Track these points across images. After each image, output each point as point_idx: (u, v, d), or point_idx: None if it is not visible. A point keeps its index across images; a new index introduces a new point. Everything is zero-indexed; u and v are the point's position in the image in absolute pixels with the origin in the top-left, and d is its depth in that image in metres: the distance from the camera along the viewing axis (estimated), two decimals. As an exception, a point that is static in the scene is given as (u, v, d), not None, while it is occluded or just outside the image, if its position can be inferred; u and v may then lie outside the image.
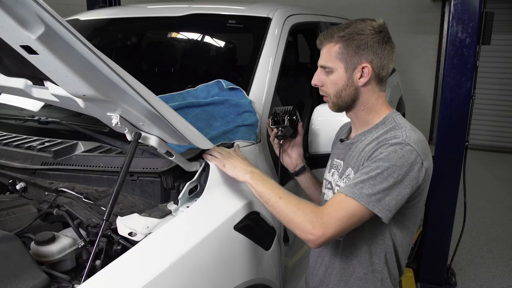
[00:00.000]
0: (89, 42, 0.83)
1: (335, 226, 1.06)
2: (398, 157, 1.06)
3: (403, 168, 1.06)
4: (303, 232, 1.07)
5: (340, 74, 1.18)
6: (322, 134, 1.60)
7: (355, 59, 1.16)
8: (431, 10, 5.62)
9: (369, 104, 1.21)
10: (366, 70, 1.16)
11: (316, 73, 1.23)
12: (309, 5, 3.05)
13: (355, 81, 1.17)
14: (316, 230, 1.05)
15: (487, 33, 2.27)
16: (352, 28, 1.16)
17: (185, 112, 1.48)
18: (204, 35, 2.11)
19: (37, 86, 1.11)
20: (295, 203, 1.11)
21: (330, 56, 1.18)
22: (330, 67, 1.18)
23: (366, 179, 1.07)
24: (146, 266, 0.96)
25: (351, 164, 1.21)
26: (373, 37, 1.15)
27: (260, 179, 1.18)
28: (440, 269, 2.66)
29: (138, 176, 1.26)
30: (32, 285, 0.87)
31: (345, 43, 1.16)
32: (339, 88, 1.19)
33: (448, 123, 2.37)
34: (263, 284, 1.32)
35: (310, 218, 1.06)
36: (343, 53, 1.16)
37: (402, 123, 1.17)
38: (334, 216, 1.06)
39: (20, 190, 1.37)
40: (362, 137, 1.23)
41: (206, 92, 1.52)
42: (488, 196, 4.42)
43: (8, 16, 0.75)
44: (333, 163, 1.32)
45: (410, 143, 1.07)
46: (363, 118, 1.23)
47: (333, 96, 1.21)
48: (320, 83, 1.23)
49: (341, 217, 1.06)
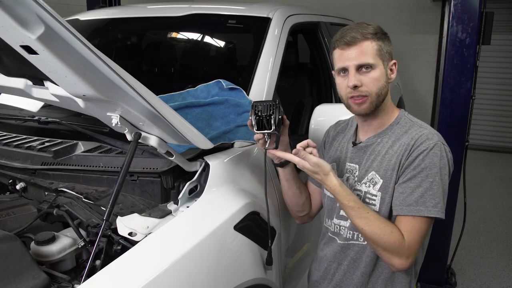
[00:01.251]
0: (89, 42, 0.83)
1: (417, 249, 1.14)
2: (440, 159, 1.12)
3: (447, 166, 1.14)
4: (392, 264, 1.15)
5: (382, 71, 1.18)
6: (322, 134, 1.60)
7: (388, 56, 1.20)
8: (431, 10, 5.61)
9: (388, 103, 1.24)
10: (394, 67, 1.22)
11: (352, 74, 1.17)
12: (309, 5, 3.04)
13: (389, 78, 1.21)
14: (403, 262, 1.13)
15: (487, 33, 2.27)
16: (376, 27, 1.19)
17: (185, 112, 1.48)
18: (204, 35, 2.11)
19: (37, 86, 1.12)
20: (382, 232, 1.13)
21: (369, 54, 1.16)
22: (372, 64, 1.17)
23: (424, 192, 1.11)
24: (146, 266, 0.96)
25: (374, 167, 1.20)
26: (386, 35, 1.21)
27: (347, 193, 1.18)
28: (440, 269, 2.65)
29: (138, 176, 1.26)
30: (32, 285, 0.87)
31: (381, 41, 1.18)
32: (381, 85, 1.18)
33: (448, 123, 2.37)
34: (263, 284, 1.32)
35: (398, 252, 1.12)
36: (381, 49, 1.18)
37: (417, 121, 1.23)
38: (416, 241, 1.13)
39: (20, 190, 1.37)
40: (377, 139, 1.23)
41: (206, 92, 1.52)
42: (488, 196, 4.42)
43: (8, 16, 0.75)
44: (344, 167, 1.30)
45: (441, 141, 1.15)
46: (381, 118, 1.24)
47: (374, 94, 1.18)
48: (360, 82, 1.17)
49: (420, 238, 1.13)
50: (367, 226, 1.13)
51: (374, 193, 1.19)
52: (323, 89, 2.37)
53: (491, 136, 6.06)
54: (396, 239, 1.11)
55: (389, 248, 1.12)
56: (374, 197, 1.19)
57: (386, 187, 1.17)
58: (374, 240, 1.14)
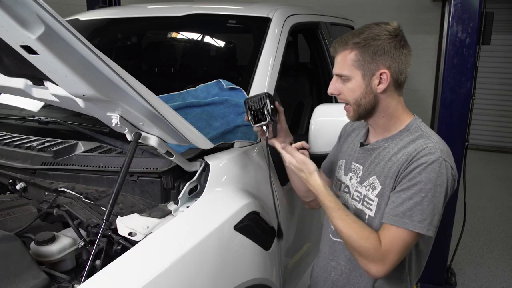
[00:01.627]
0: (89, 42, 0.83)
1: (396, 260, 1.11)
2: (437, 176, 1.08)
3: (443, 185, 1.08)
4: (366, 269, 1.13)
5: (358, 82, 1.15)
6: (322, 134, 1.60)
7: (373, 66, 1.12)
8: (431, 10, 5.61)
9: (389, 111, 1.18)
10: (384, 76, 1.13)
11: (332, 82, 1.20)
12: (309, 5, 3.04)
13: (373, 88, 1.14)
14: (378, 269, 1.11)
15: (487, 33, 2.27)
16: (367, 34, 1.13)
17: (185, 112, 1.48)
18: (204, 35, 2.11)
19: (37, 86, 1.12)
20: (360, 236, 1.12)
21: (346, 64, 1.15)
22: (347, 75, 1.15)
23: (412, 205, 1.08)
24: (146, 266, 0.96)
25: (376, 172, 1.19)
26: (390, 41, 1.12)
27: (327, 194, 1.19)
28: (440, 269, 2.66)
29: (138, 176, 1.26)
30: (32, 285, 0.87)
31: (361, 50, 1.12)
32: (358, 96, 1.16)
33: (448, 123, 2.37)
34: (263, 284, 1.32)
35: (373, 257, 1.10)
36: (359, 60, 1.13)
37: (427, 131, 1.17)
38: (395, 252, 1.10)
39: (20, 190, 1.37)
40: (384, 143, 1.20)
41: (206, 92, 1.52)
42: (488, 196, 4.42)
43: (8, 16, 0.75)
44: (350, 166, 1.29)
45: (445, 158, 1.09)
46: (384, 125, 1.21)
47: (353, 104, 1.18)
48: (337, 91, 1.19)
49: (400, 250, 1.10)
50: (345, 228, 1.13)
51: (372, 198, 1.18)
52: (323, 89, 2.36)
53: (491, 136, 6.06)
54: (371, 245, 1.10)
55: (363, 253, 1.11)
56: (372, 202, 1.18)
57: (383, 194, 1.16)
58: (350, 243, 1.14)
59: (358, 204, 1.22)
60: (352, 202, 1.25)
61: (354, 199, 1.24)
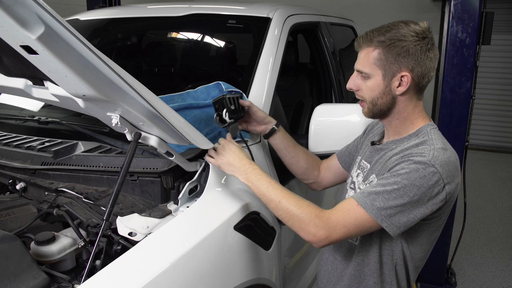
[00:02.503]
0: (89, 42, 0.83)
1: (340, 233, 1.06)
2: (418, 176, 1.02)
3: (421, 189, 1.02)
4: (307, 235, 1.08)
5: (378, 81, 1.12)
6: (322, 134, 1.60)
7: (394, 67, 1.09)
8: (431, 10, 5.61)
9: (404, 114, 1.15)
10: (405, 79, 1.10)
11: (352, 77, 1.18)
12: (309, 5, 3.04)
13: (392, 90, 1.12)
14: (320, 234, 1.06)
15: (487, 33, 2.27)
16: (393, 33, 1.09)
17: (185, 113, 1.47)
18: (204, 35, 2.11)
19: (37, 86, 1.11)
20: (298, 205, 1.09)
21: (368, 62, 1.12)
22: (367, 73, 1.13)
23: (381, 192, 1.05)
24: (146, 266, 0.96)
25: (376, 171, 1.18)
26: (416, 44, 1.08)
27: (257, 178, 1.17)
28: (440, 269, 2.66)
29: (138, 176, 1.26)
30: (32, 285, 0.87)
31: (385, 49, 1.09)
32: (375, 95, 1.13)
33: (448, 123, 2.38)
34: (263, 284, 1.32)
35: (314, 222, 1.06)
36: (382, 59, 1.10)
37: (434, 138, 1.11)
38: (341, 224, 1.06)
39: (20, 190, 1.37)
40: (393, 145, 1.18)
41: (206, 94, 1.52)
42: (488, 196, 4.42)
43: (8, 16, 0.75)
44: (360, 164, 1.29)
45: (435, 164, 1.03)
46: (396, 127, 1.19)
47: (369, 102, 1.16)
48: (356, 87, 1.17)
49: (348, 225, 1.06)
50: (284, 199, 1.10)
51: None
52: (323, 89, 2.37)
53: (491, 136, 6.06)
54: (313, 211, 1.07)
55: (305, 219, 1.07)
56: None
57: None
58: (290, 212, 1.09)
59: None
60: None
61: None
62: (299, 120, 2.27)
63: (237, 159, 1.21)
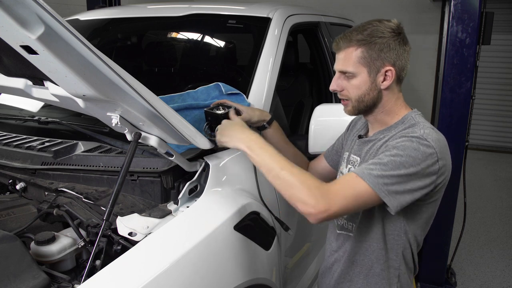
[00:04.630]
0: (89, 42, 0.83)
1: (340, 204, 1.04)
2: (413, 148, 1.05)
3: (416, 160, 1.04)
4: (305, 206, 1.03)
5: (363, 79, 1.15)
6: (322, 134, 1.60)
7: (378, 63, 1.14)
8: (431, 10, 5.61)
9: (388, 106, 1.20)
10: (389, 73, 1.15)
11: (335, 78, 1.20)
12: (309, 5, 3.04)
13: (378, 85, 1.16)
14: (319, 205, 1.02)
15: (487, 33, 2.27)
16: (371, 31, 1.14)
17: (185, 113, 1.47)
18: (204, 35, 2.11)
19: (37, 86, 1.11)
20: (299, 176, 1.07)
21: (351, 61, 1.15)
22: (352, 72, 1.15)
23: (377, 163, 1.06)
24: (146, 266, 0.96)
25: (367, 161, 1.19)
26: (394, 39, 1.13)
27: (259, 147, 1.14)
28: (440, 269, 2.66)
29: (138, 176, 1.26)
30: (32, 285, 0.87)
31: (367, 47, 1.13)
32: (362, 92, 1.16)
33: (448, 123, 2.38)
34: (263, 284, 1.32)
35: (314, 193, 1.03)
36: (365, 57, 1.13)
37: (421, 121, 1.16)
38: (341, 195, 1.05)
39: (20, 190, 1.37)
40: (380, 135, 1.21)
41: (206, 94, 1.52)
42: (488, 196, 4.42)
43: (8, 16, 0.75)
44: (349, 159, 1.30)
45: (427, 138, 1.06)
46: (382, 119, 1.22)
47: (354, 100, 1.18)
48: (340, 88, 1.20)
49: (347, 196, 1.05)
50: (285, 169, 1.08)
51: None
52: (323, 89, 2.37)
53: (491, 136, 6.06)
54: (314, 182, 1.05)
55: (304, 190, 1.04)
56: None
57: None
58: (291, 182, 1.06)
59: None
60: None
61: None
62: (299, 120, 2.27)
63: (238, 131, 1.21)
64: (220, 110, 1.34)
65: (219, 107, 1.39)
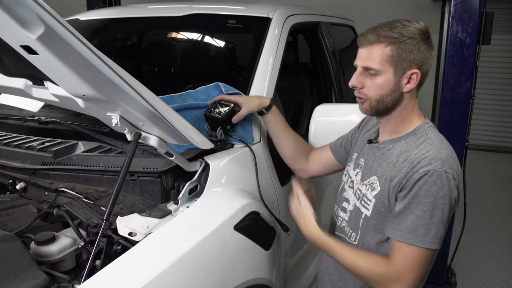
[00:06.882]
0: (89, 42, 0.83)
1: (413, 278, 1.07)
2: (438, 188, 1.05)
3: (446, 197, 1.05)
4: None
5: (388, 78, 1.10)
6: (322, 134, 1.60)
7: (406, 64, 1.09)
8: (431, 10, 5.61)
9: (405, 111, 1.16)
10: (414, 77, 1.11)
11: (356, 74, 1.15)
12: (309, 5, 3.04)
13: (401, 87, 1.12)
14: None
15: (487, 33, 2.27)
16: (401, 29, 1.09)
17: (185, 113, 1.47)
18: (204, 35, 2.11)
19: (37, 86, 1.12)
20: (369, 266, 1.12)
21: (378, 58, 1.10)
22: (377, 70, 1.10)
23: (415, 220, 1.06)
24: (146, 266, 0.96)
25: (377, 172, 1.17)
26: (424, 42, 1.10)
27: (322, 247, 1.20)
28: (440, 269, 2.66)
29: (138, 176, 1.26)
30: (32, 285, 0.87)
31: (397, 46, 1.08)
32: (384, 92, 1.12)
33: (448, 123, 2.37)
34: (263, 284, 1.32)
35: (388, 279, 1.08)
36: (394, 56, 1.08)
37: (433, 137, 1.13)
38: (408, 270, 1.07)
39: (20, 190, 1.37)
40: (390, 144, 1.18)
41: (206, 95, 1.52)
42: (488, 196, 4.42)
43: (8, 16, 0.75)
44: (357, 162, 1.29)
45: (445, 168, 1.05)
46: (395, 125, 1.19)
47: (374, 100, 1.14)
48: (361, 85, 1.14)
49: (413, 268, 1.07)
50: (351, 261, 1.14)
51: (370, 198, 1.17)
52: (323, 89, 2.37)
53: (491, 136, 6.06)
54: (382, 268, 1.09)
55: (377, 279, 1.10)
56: (369, 202, 1.17)
57: (381, 196, 1.15)
58: (361, 274, 1.13)
59: (357, 201, 1.22)
60: (353, 198, 1.25)
61: (355, 195, 1.24)
62: (299, 120, 2.27)
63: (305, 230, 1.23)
64: (219, 108, 1.37)
65: (217, 105, 1.39)
